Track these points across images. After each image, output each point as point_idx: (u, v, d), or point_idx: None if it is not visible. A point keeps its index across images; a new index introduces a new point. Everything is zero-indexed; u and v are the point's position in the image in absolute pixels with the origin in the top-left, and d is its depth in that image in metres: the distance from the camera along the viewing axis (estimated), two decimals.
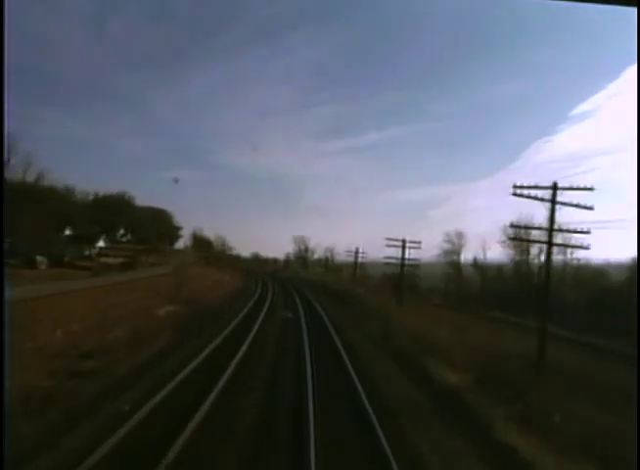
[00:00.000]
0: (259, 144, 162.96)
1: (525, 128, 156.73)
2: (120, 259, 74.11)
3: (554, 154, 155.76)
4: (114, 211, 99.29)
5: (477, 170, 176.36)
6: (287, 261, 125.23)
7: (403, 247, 38.11)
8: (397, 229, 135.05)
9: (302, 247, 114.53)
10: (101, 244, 71.96)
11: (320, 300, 38.14)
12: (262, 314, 28.26)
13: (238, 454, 8.31)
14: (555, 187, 19.29)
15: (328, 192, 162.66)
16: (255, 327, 23.12)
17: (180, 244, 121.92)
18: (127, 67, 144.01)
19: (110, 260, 68.11)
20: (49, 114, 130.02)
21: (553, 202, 19.31)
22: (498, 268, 54.36)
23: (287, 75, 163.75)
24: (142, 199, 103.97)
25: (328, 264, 72.60)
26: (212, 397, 11.02)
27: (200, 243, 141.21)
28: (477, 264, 56.80)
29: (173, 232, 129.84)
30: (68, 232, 71.19)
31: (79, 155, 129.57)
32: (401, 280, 39.36)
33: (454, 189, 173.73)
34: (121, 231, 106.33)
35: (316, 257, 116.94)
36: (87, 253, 69.70)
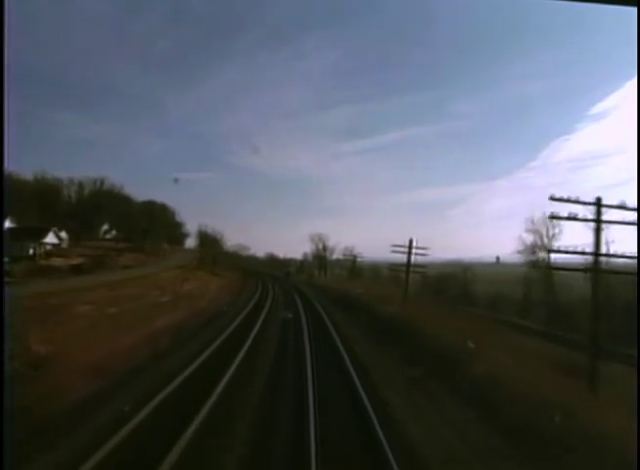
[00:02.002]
0: (276, 145, 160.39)
1: (544, 127, 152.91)
2: (80, 260, 55.04)
3: (572, 152, 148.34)
4: (91, 202, 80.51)
5: (495, 169, 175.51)
6: (302, 262, 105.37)
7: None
8: (415, 229, 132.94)
9: (320, 246, 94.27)
10: (50, 239, 52.10)
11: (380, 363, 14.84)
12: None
13: None
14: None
15: (345, 192, 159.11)
16: None
17: (191, 243, 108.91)
18: (144, 68, 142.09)
19: (59, 262, 49.03)
20: (64, 115, 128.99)
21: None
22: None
23: (304, 76, 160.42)
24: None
25: (354, 267, 51.92)
26: None
27: (204, 241, 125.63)
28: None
29: (172, 229, 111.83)
30: (8, 225, 51.94)
31: (93, 156, 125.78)
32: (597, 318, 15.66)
33: (472, 188, 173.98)
34: (105, 226, 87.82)
35: (335, 257, 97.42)
36: (31, 251, 50.65)
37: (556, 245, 43.18)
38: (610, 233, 16.66)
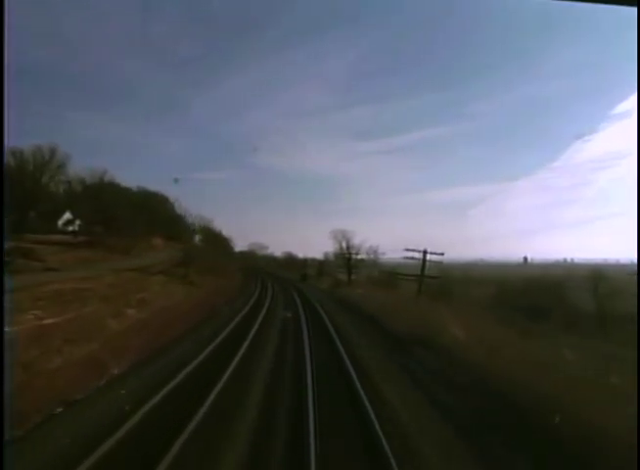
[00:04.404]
0: (294, 145, 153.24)
1: (565, 128, 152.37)
2: None
3: (594, 153, 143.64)
4: (37, 182, 59.64)
5: (516, 170, 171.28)
6: (322, 263, 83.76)
7: None
8: (437, 229, 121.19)
9: (344, 244, 72.32)
10: None
11: None
12: None
13: None
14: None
15: (363, 192, 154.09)
16: None
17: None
18: (164, 68, 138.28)
19: None
20: (87, 116, 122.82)
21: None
22: None
23: (323, 77, 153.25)
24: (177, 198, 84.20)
25: (422, 273, 27.79)
26: None
27: (208, 237, 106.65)
28: None
29: (172, 223, 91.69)
30: None
31: (116, 156, 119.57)
32: None
33: (493, 188, 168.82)
34: (66, 215, 67.01)
35: (359, 256, 76.12)
36: None
37: None
38: None
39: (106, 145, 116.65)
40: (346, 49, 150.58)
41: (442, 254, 26.07)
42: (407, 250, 26.55)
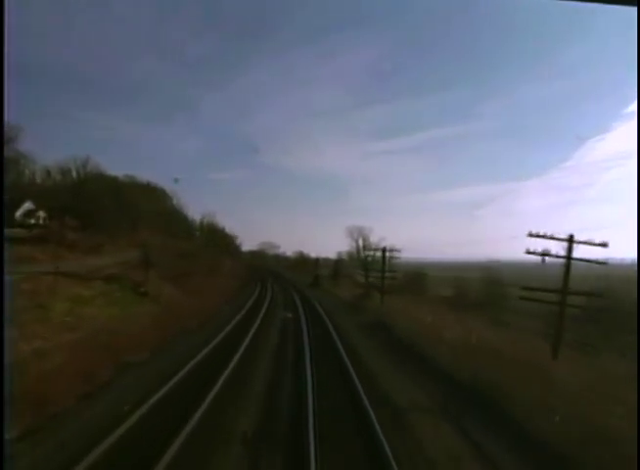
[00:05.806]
0: (305, 144, 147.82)
1: (578, 127, 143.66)
2: None
3: (607, 152, 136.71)
4: None
5: (526, 170, 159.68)
6: (337, 262, 72.04)
7: None
8: (446, 229, 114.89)
9: (360, 242, 60.50)
10: None
11: None
12: None
13: None
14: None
15: (376, 191, 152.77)
16: None
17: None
18: (177, 68, 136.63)
19: None
20: (98, 116, 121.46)
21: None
22: None
23: (335, 76, 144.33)
24: (190, 199, 69.73)
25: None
26: None
27: (210, 234, 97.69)
28: None
29: (167, 218, 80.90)
30: None
31: (129, 156, 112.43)
32: None
33: (503, 188, 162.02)
34: (26, 205, 55.11)
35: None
36: None
37: None
38: None
39: (117, 144, 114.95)
40: (362, 49, 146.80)
41: (606, 244, 13.36)
42: (532, 236, 13.70)
